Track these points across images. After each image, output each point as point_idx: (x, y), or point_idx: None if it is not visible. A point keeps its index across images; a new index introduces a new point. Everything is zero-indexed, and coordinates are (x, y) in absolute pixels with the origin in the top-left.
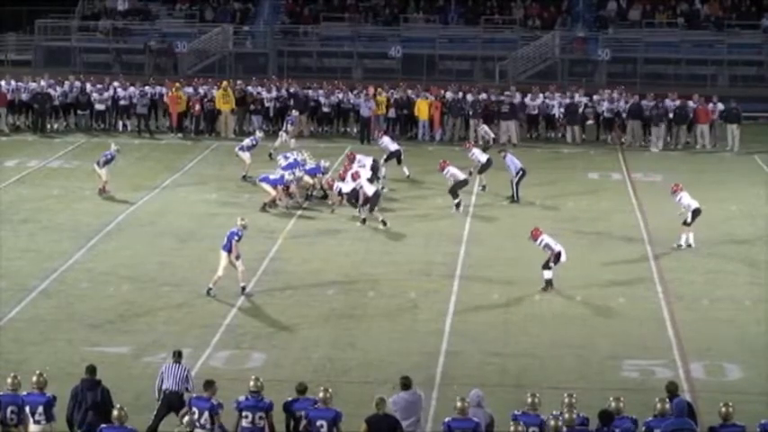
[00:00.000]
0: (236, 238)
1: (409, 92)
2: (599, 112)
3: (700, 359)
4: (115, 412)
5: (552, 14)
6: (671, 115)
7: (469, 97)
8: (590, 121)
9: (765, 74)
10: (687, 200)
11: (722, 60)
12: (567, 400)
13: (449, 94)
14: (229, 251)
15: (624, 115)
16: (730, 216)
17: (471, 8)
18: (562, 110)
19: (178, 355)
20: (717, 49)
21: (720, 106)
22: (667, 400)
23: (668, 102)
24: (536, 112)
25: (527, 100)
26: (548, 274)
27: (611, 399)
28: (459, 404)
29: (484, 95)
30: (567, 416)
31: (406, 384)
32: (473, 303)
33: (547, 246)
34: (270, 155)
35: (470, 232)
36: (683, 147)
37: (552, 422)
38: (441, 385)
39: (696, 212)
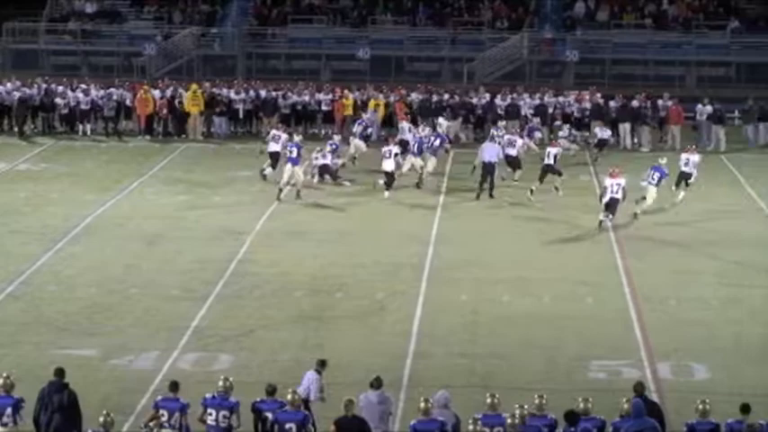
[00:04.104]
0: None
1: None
2: (568, 112)
3: (667, 359)
4: (101, 418)
5: (520, 16)
6: (663, 114)
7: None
8: (558, 122)
9: (733, 75)
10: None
11: (690, 61)
12: (536, 402)
13: (415, 95)
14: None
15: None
16: (698, 216)
17: (439, 10)
18: (531, 111)
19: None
20: (684, 50)
21: (709, 108)
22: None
23: (635, 102)
24: (505, 112)
25: (497, 100)
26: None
27: (580, 400)
28: (422, 405)
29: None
30: (518, 411)
31: (375, 385)
32: (441, 304)
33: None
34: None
35: (438, 233)
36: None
37: (509, 420)
38: (408, 387)
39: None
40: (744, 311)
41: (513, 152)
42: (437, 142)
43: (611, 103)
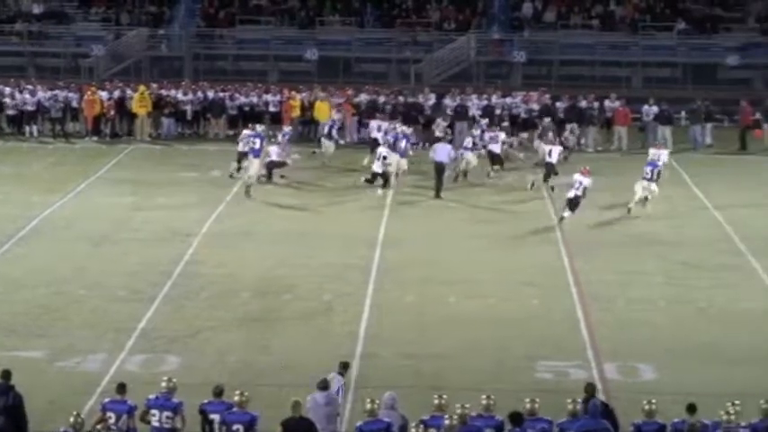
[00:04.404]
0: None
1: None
2: (516, 113)
3: (613, 360)
4: (71, 419)
5: (468, 17)
6: (609, 114)
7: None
8: (505, 123)
9: (679, 76)
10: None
11: (636, 62)
12: (484, 402)
13: (363, 97)
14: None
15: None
16: (647, 217)
17: (387, 11)
18: (479, 112)
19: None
20: (631, 51)
21: (655, 109)
22: (579, 400)
23: (583, 103)
24: (453, 113)
25: (446, 101)
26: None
27: (527, 400)
28: (368, 406)
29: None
30: (459, 411)
31: (323, 387)
32: (388, 306)
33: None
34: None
35: (385, 234)
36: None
37: (447, 421)
38: (355, 388)
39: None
40: (690, 311)
41: (496, 149)
42: (403, 143)
43: (558, 104)
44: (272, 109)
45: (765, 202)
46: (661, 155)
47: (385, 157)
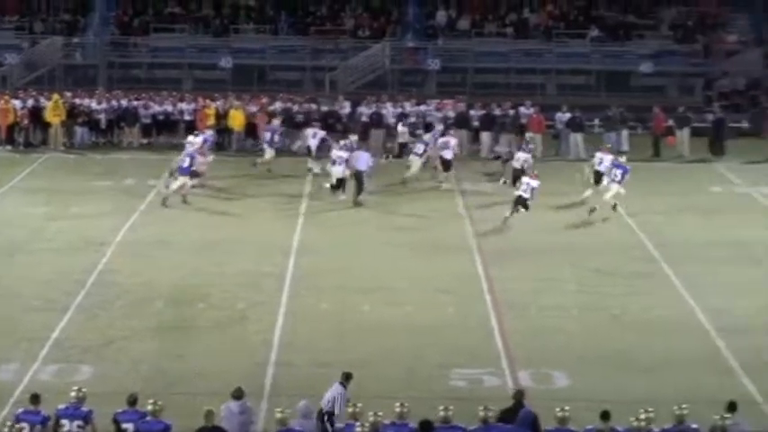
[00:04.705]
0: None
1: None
2: (430, 121)
3: (527, 367)
4: (6, 430)
5: (382, 25)
6: (524, 121)
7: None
8: (419, 131)
9: (593, 83)
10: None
11: (550, 69)
12: (397, 410)
13: (278, 105)
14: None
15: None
16: (559, 224)
17: (301, 19)
18: (394, 120)
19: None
20: (545, 59)
21: (567, 116)
22: (490, 408)
23: (498, 110)
24: (369, 120)
25: (361, 109)
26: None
27: (440, 408)
28: (278, 415)
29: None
30: (372, 419)
31: (237, 395)
32: (303, 314)
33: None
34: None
35: (300, 242)
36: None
37: (359, 429)
38: (270, 396)
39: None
40: (604, 319)
41: (448, 155)
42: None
43: (472, 112)
44: (186, 117)
45: (679, 209)
46: (604, 158)
47: (339, 162)
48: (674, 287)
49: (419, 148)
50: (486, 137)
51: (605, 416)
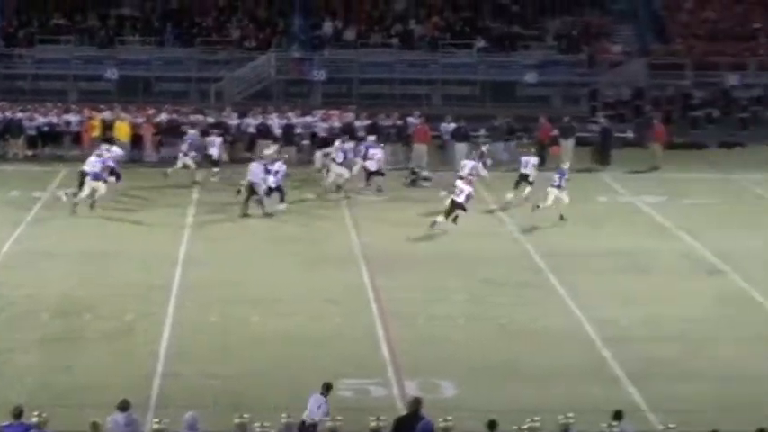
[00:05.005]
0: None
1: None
2: (315, 132)
3: (414, 377)
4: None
5: (268, 35)
6: (411, 132)
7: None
8: (306, 141)
9: (478, 93)
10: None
11: (436, 80)
12: (284, 421)
13: (163, 116)
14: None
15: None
16: (446, 234)
17: (187, 30)
18: (280, 131)
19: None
20: (431, 69)
21: (452, 126)
22: (382, 418)
23: (388, 121)
24: (256, 131)
25: (248, 120)
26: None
27: (327, 419)
28: (154, 426)
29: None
30: (259, 430)
31: (123, 407)
32: (190, 325)
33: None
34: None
35: (188, 253)
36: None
37: None
38: (157, 407)
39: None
40: (491, 329)
41: (372, 166)
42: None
43: (358, 123)
44: (72, 129)
45: (563, 219)
46: (529, 161)
47: (277, 172)
48: (561, 297)
49: (339, 156)
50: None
51: (492, 425)
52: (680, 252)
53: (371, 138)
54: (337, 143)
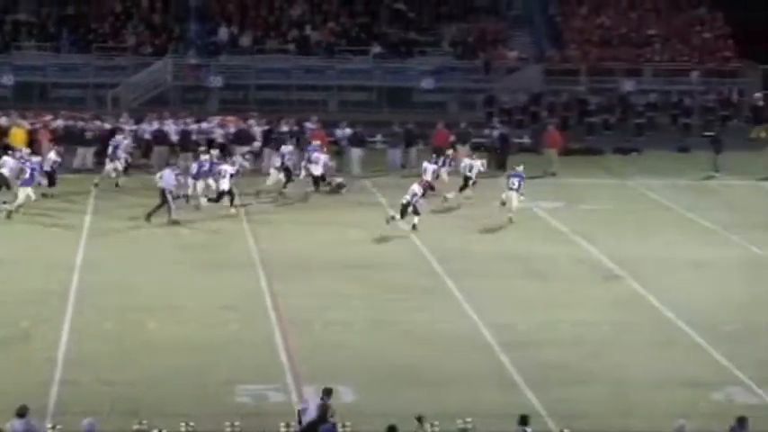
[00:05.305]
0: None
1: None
2: (212, 138)
3: (312, 382)
4: None
5: (164, 41)
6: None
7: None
8: (202, 147)
9: (375, 99)
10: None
11: (333, 86)
12: (183, 429)
13: (59, 122)
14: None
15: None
16: (343, 240)
17: (83, 36)
18: (177, 137)
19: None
20: (327, 75)
21: (348, 132)
22: (291, 423)
23: (284, 127)
24: (152, 137)
25: (143, 126)
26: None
27: (227, 424)
28: None
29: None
30: None
31: (21, 413)
32: (87, 331)
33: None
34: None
35: (84, 259)
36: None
37: None
38: (55, 414)
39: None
40: (389, 334)
41: (316, 171)
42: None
43: (257, 129)
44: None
45: (458, 224)
46: (473, 164)
47: (232, 175)
48: (458, 302)
49: (276, 161)
50: (267, 153)
51: (392, 430)
52: (576, 257)
53: (316, 143)
54: (284, 147)
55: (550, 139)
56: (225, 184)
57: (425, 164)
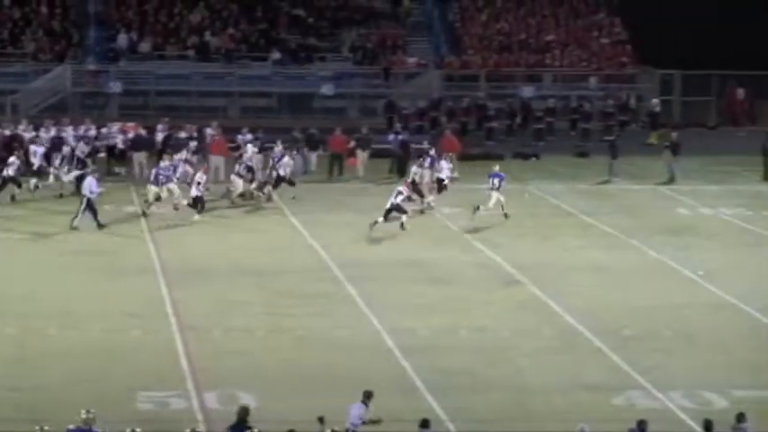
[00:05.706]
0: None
1: None
2: (112, 144)
3: (213, 389)
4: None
5: (63, 48)
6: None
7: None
8: (101, 154)
9: (275, 105)
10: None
11: (233, 92)
12: None
13: None
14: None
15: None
16: (244, 246)
17: None
18: (75, 143)
19: None
20: (227, 81)
21: (249, 138)
22: (198, 429)
23: (182, 133)
24: (50, 144)
25: (40, 133)
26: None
27: (127, 431)
28: None
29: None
30: None
31: None
32: None
33: None
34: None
35: None
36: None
37: None
38: None
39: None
40: (289, 340)
41: (282, 171)
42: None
43: (160, 135)
44: None
45: (357, 230)
46: (444, 166)
47: (199, 183)
48: (359, 308)
49: (241, 168)
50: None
51: None
52: (477, 262)
53: (278, 147)
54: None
55: (447, 143)
56: (195, 191)
57: (413, 167)
